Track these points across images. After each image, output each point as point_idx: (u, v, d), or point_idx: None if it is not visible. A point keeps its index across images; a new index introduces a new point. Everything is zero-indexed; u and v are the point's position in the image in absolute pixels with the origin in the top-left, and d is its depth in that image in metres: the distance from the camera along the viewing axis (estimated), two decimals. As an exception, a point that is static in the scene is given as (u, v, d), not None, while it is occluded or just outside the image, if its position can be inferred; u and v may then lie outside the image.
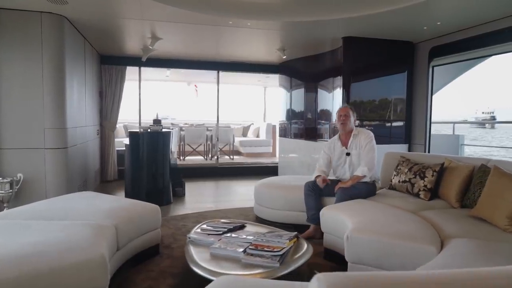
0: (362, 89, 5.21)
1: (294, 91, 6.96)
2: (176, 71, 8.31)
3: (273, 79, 9.70)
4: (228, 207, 4.90)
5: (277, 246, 2.51)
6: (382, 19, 4.28)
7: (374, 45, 5.11)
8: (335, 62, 5.47)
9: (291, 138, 6.91)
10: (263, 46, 6.06)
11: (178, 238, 3.56)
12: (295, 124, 6.84)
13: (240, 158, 9.52)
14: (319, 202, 3.62)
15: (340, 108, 3.85)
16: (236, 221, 3.27)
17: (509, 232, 2.33)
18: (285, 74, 7.28)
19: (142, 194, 4.78)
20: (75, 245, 2.01)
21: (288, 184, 4.06)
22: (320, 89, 5.97)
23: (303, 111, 6.51)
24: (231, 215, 4.45)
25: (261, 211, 4.12)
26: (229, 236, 2.73)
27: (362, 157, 3.54)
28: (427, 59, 5.10)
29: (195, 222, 4.10)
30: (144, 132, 4.81)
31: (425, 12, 4.04)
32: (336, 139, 3.77)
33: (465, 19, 4.22)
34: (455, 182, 3.12)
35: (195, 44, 5.86)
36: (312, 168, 5.94)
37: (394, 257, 2.25)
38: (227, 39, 5.44)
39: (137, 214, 2.88)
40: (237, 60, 7.12)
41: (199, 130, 9.07)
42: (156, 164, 4.89)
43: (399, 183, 3.57)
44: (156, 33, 4.98)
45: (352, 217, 2.69)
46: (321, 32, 4.92)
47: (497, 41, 4.43)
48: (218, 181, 7.10)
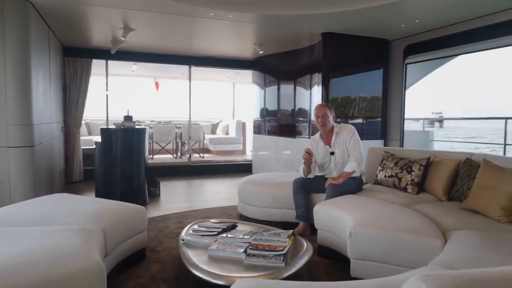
0: (341, 86, 5.24)
1: (269, 88, 6.90)
2: (143, 66, 7.96)
3: (243, 76, 9.62)
4: (208, 206, 4.74)
5: (278, 245, 2.42)
6: (363, 16, 4.32)
7: (352, 42, 5.15)
8: (313, 58, 5.47)
9: (267, 135, 6.85)
10: (238, 40, 5.94)
11: (162, 241, 3.37)
12: (270, 121, 6.78)
13: (211, 156, 9.33)
14: (308, 199, 3.58)
15: (317, 109, 3.63)
16: (226, 220, 3.15)
17: (503, 223, 2.40)
18: (260, 70, 7.19)
19: (116, 195, 4.49)
20: (66, 252, 1.80)
21: (275, 181, 3.98)
22: (298, 85, 5.95)
23: (280, 108, 6.46)
24: (214, 214, 4.30)
25: (246, 210, 4.01)
26: (225, 236, 2.60)
27: (350, 152, 3.53)
28: (402, 57, 5.23)
29: (177, 223, 3.93)
30: (118, 129, 4.52)
31: (404, 10, 4.12)
32: (318, 139, 3.69)
33: (440, 18, 4.35)
34: (442, 175, 3.20)
35: (168, 36, 5.62)
36: (289, 165, 5.93)
37: (400, 251, 2.24)
38: (202, 32, 5.25)
39: (123, 216, 2.67)
40: (210, 55, 6.92)
41: (168, 128, 8.77)
42: (131, 162, 4.62)
43: (385, 177, 3.61)
44: (129, 23, 4.69)
45: (350, 213, 2.65)
46: (300, 27, 4.88)
47: (465, 41, 4.63)
48: (191, 180, 6.89)
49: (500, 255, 1.86)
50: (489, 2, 3.74)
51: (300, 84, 5.90)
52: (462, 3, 3.81)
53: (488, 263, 1.77)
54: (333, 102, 5.15)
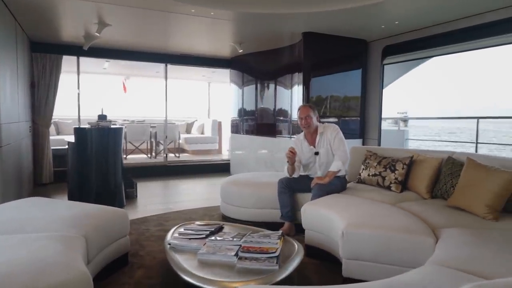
0: (322, 86, 5.26)
1: (248, 87, 6.83)
2: (116, 63, 7.67)
3: (218, 75, 9.49)
4: (188, 207, 4.62)
5: (269, 247, 2.36)
6: (344, 16, 4.34)
7: (333, 42, 5.18)
8: (294, 58, 5.45)
9: (245, 135, 6.78)
10: (217, 38, 5.83)
11: (144, 244, 3.23)
12: (249, 120, 6.71)
13: (186, 156, 9.15)
14: (293, 199, 3.55)
15: (300, 110, 3.60)
16: (212, 222, 3.05)
17: (488, 220, 2.46)
18: (238, 69, 7.11)
19: (91, 197, 4.29)
20: (49, 262, 1.66)
21: (258, 181, 3.93)
22: (278, 85, 5.92)
23: (259, 107, 6.41)
24: (196, 216, 4.18)
25: (229, 210, 3.93)
26: (214, 239, 2.52)
27: (334, 152, 3.52)
28: (380, 58, 5.31)
29: (158, 226, 3.79)
30: (93, 128, 4.31)
31: (385, 11, 4.17)
32: (302, 139, 3.66)
33: (419, 20, 4.44)
34: (425, 174, 3.26)
35: (145, 33, 5.42)
36: (269, 164, 5.90)
37: (393, 250, 2.24)
38: (180, 29, 5.11)
39: (105, 221, 2.52)
40: (187, 53, 6.77)
41: (142, 127, 8.51)
42: (107, 163, 4.42)
43: (368, 176, 3.64)
44: (104, 17, 4.48)
45: (340, 213, 2.64)
46: (281, 26, 4.84)
47: (441, 43, 4.77)
48: (168, 180, 6.71)
49: (494, 252, 1.89)
50: (467, 5, 3.85)
51: (280, 83, 5.88)
52: (441, 6, 3.90)
53: (484, 260, 1.79)
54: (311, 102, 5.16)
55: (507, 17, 3.84)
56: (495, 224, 2.41)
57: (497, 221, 2.44)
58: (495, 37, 4.23)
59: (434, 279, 1.58)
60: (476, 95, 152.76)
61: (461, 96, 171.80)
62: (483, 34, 4.19)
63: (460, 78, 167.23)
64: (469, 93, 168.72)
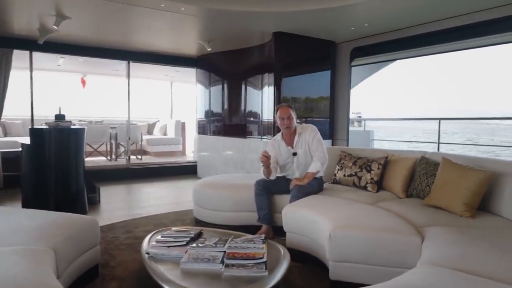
0: (293, 86, 5.24)
1: (216, 87, 6.68)
2: (72, 60, 7.18)
3: (182, 74, 9.24)
4: (157, 212, 4.39)
5: (256, 252, 2.27)
6: (314, 17, 4.34)
7: (303, 42, 5.18)
8: (264, 58, 5.39)
9: (213, 136, 6.61)
10: (183, 36, 5.64)
11: (114, 254, 3.01)
12: (218, 121, 6.56)
13: (149, 158, 8.80)
14: (271, 200, 3.47)
15: (280, 110, 3.48)
16: (191, 228, 2.90)
17: (466, 217, 2.53)
18: (205, 68, 6.93)
19: (49, 204, 3.96)
20: (22, 281, 1.44)
21: (234, 183, 3.81)
22: (248, 85, 5.83)
23: (229, 108, 6.28)
24: (167, 221, 3.98)
25: (204, 214, 3.78)
26: (195, 246, 2.37)
27: (313, 153, 3.49)
28: (348, 59, 5.40)
29: (127, 233, 3.56)
30: (52, 129, 3.97)
31: (355, 13, 4.23)
32: (279, 140, 3.59)
33: (388, 23, 4.55)
34: (400, 174, 3.31)
35: (107, 28, 5.12)
36: (239, 166, 5.79)
37: (380, 251, 2.23)
38: (145, 25, 4.87)
39: (74, 230, 2.29)
40: (151, 50, 6.48)
41: (102, 128, 8.07)
42: (68, 166, 4.09)
43: (344, 177, 3.65)
44: (63, 9, 4.15)
45: (323, 215, 2.60)
46: (251, 25, 4.76)
47: (405, 46, 4.94)
48: (131, 184, 6.38)
49: (483, 249, 1.93)
50: (434, 10, 3.99)
51: (250, 83, 5.80)
52: (409, 10, 4.02)
53: (476, 259, 1.82)
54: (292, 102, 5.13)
55: (469, 23, 4.03)
56: (473, 221, 2.48)
57: (474, 218, 2.51)
58: (458, 41, 4.44)
59: (433, 280, 1.57)
60: (439, 97, 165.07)
61: (424, 98, 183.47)
62: (447, 38, 4.38)
63: (424, 81, 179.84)
64: (432, 95, 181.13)
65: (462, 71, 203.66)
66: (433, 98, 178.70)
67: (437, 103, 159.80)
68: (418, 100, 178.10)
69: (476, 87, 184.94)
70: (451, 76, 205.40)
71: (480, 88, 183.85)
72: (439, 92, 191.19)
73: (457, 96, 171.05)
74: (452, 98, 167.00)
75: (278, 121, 3.53)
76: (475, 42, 4.35)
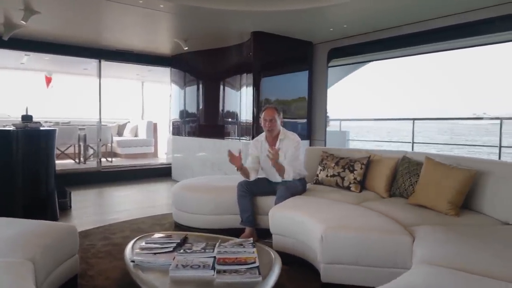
0: (272, 87, 5.21)
1: (192, 87, 6.54)
2: (38, 58, 6.80)
3: (154, 74, 9.00)
4: (133, 217, 4.21)
5: (247, 257, 2.20)
6: (293, 17, 4.34)
7: (282, 42, 5.17)
8: (243, 58, 5.33)
9: (190, 137, 6.45)
10: (158, 33, 5.47)
11: (92, 263, 2.84)
12: (194, 122, 6.42)
13: (120, 160, 8.49)
14: (253, 202, 3.41)
15: (265, 111, 3.41)
16: (174, 233, 2.79)
17: (451, 215, 2.58)
18: (179, 68, 6.77)
19: (17, 210, 3.70)
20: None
21: (216, 185, 3.72)
22: (226, 85, 5.74)
23: (206, 108, 6.15)
24: (144, 226, 3.83)
25: (184, 218, 3.66)
26: (183, 252, 2.28)
27: (290, 162, 3.34)
28: (326, 60, 5.44)
29: (104, 240, 3.39)
30: (20, 130, 3.71)
31: (334, 14, 4.26)
32: (263, 140, 3.52)
33: (367, 25, 4.60)
34: (382, 173, 3.35)
35: (78, 24, 4.86)
36: (217, 167, 5.70)
37: (373, 252, 2.22)
38: (118, 21, 4.70)
39: (52, 239, 2.13)
40: (123, 48, 6.24)
41: (70, 129, 7.69)
42: (37, 170, 3.84)
43: (327, 177, 3.66)
44: (32, 3, 3.90)
45: (313, 216, 2.57)
46: (229, 24, 4.69)
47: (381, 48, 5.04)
48: (103, 188, 6.12)
49: (476, 248, 1.95)
50: (411, 12, 4.09)
51: (228, 83, 5.71)
52: (388, 12, 4.09)
53: (471, 257, 1.84)
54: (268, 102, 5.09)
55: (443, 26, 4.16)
56: (458, 219, 2.54)
57: (458, 216, 2.57)
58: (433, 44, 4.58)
59: (435, 280, 1.57)
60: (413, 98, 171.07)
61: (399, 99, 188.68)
62: (423, 40, 4.51)
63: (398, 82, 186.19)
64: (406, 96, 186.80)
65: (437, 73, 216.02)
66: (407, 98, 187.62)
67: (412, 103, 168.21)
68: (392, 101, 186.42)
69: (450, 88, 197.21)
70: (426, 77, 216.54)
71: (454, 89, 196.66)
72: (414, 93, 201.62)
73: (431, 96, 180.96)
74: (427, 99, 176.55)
75: (261, 122, 3.47)
76: (450, 44, 4.51)
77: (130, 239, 3.35)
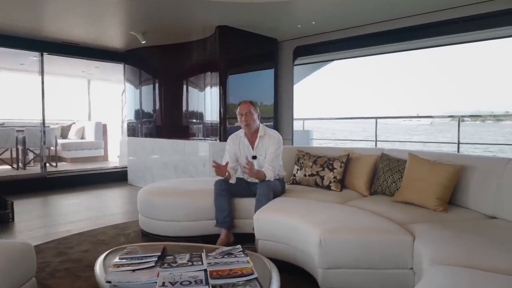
0: (238, 85, 4.98)
1: (150, 85, 6.10)
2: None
3: (102, 71, 8.40)
4: (90, 227, 3.77)
5: (242, 267, 1.97)
6: (259, 11, 4.17)
7: (248, 39, 4.98)
8: (207, 54, 5.05)
9: (151, 138, 5.95)
10: (111, 25, 4.99)
11: (49, 285, 2.43)
12: (154, 122, 5.98)
13: (64, 165, 7.74)
14: (231, 202, 3.16)
15: (239, 106, 3.23)
16: (149, 244, 2.46)
17: (439, 211, 2.55)
18: (135, 64, 6.29)
19: None
20: None
21: (189, 189, 3.41)
22: (190, 83, 5.41)
23: (169, 108, 5.75)
24: (106, 237, 3.43)
25: (153, 226, 3.31)
26: (166, 267, 1.98)
27: (269, 162, 3.17)
28: (291, 58, 5.33)
29: (60, 256, 2.95)
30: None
31: (301, 10, 4.15)
32: (242, 136, 3.30)
33: (335, 22, 4.56)
34: (362, 171, 3.29)
35: (12, 11, 4.26)
36: (181, 170, 5.36)
37: (373, 253, 2.10)
38: (64, 9, 4.18)
39: (5, 261, 1.74)
40: (70, 40, 5.64)
41: (6, 132, 6.85)
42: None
43: (305, 177, 3.52)
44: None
45: (305, 219, 2.40)
46: (192, 16, 4.39)
47: (347, 47, 5.05)
48: (49, 196, 5.48)
49: (478, 243, 1.90)
50: (380, 11, 4.11)
51: (192, 81, 5.39)
52: (357, 9, 4.07)
53: (480, 253, 1.78)
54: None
55: (410, 25, 4.24)
56: (447, 215, 2.51)
57: (447, 212, 2.55)
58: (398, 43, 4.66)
59: (460, 282, 1.46)
60: (376, 96, 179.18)
61: (362, 98, 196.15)
62: (390, 39, 4.56)
63: (361, 81, 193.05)
64: (369, 95, 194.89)
65: (400, 72, 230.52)
66: (370, 98, 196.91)
67: (376, 102, 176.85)
68: (356, 100, 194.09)
69: (413, 87, 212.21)
70: (389, 77, 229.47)
71: (418, 89, 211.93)
72: (377, 92, 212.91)
73: (394, 95, 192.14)
74: (389, 98, 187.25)
75: (238, 118, 3.25)
76: (414, 44, 4.61)
77: (92, 253, 2.97)
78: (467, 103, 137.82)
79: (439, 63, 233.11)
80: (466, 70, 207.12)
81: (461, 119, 4.98)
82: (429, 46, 4.69)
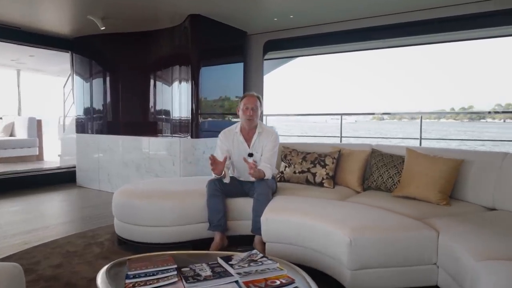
0: (210, 79, 4.70)
1: (103, 77, 5.51)
2: None
3: (37, 60, 7.52)
4: (52, 237, 3.26)
5: (277, 275, 1.78)
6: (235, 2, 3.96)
7: (221, 31, 4.72)
8: (176, 44, 4.69)
9: (110, 135, 5.33)
10: (57, 4, 4.35)
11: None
12: (111, 118, 5.40)
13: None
14: (225, 203, 2.93)
15: (246, 97, 3.01)
16: (159, 255, 2.12)
17: (442, 205, 2.60)
18: (84, 54, 5.64)
19: None
20: None
21: (174, 190, 3.08)
22: (157, 76, 4.96)
23: (130, 102, 5.22)
24: (75, 248, 2.98)
25: (133, 232, 2.92)
26: (193, 281, 1.72)
27: (266, 160, 3.00)
28: (261, 52, 5.18)
29: (27, 273, 2.44)
30: None
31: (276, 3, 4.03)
32: (237, 132, 3.07)
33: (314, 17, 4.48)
34: (354, 167, 3.27)
35: None
36: (144, 169, 4.95)
37: (399, 251, 2.05)
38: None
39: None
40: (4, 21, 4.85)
41: None
42: None
43: (295, 174, 3.41)
44: None
45: (324, 219, 2.26)
46: (160, 2, 4.01)
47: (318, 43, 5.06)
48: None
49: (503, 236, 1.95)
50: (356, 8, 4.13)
51: (157, 75, 4.95)
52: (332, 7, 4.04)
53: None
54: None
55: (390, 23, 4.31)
56: (451, 208, 2.57)
57: (449, 206, 2.61)
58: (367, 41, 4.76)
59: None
60: (340, 94, 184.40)
61: (325, 95, 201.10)
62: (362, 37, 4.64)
63: (324, 78, 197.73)
64: (333, 92, 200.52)
65: (365, 70, 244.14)
66: (334, 95, 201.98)
67: (340, 99, 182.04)
68: (321, 96, 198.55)
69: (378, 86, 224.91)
70: (355, 74, 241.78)
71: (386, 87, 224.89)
72: (341, 89, 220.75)
73: (359, 93, 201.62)
74: (355, 95, 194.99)
75: (240, 110, 3.03)
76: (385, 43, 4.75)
77: (67, 268, 2.57)
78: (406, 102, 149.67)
79: (398, 63, 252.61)
80: (426, 69, 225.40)
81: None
82: (394, 46, 4.87)
